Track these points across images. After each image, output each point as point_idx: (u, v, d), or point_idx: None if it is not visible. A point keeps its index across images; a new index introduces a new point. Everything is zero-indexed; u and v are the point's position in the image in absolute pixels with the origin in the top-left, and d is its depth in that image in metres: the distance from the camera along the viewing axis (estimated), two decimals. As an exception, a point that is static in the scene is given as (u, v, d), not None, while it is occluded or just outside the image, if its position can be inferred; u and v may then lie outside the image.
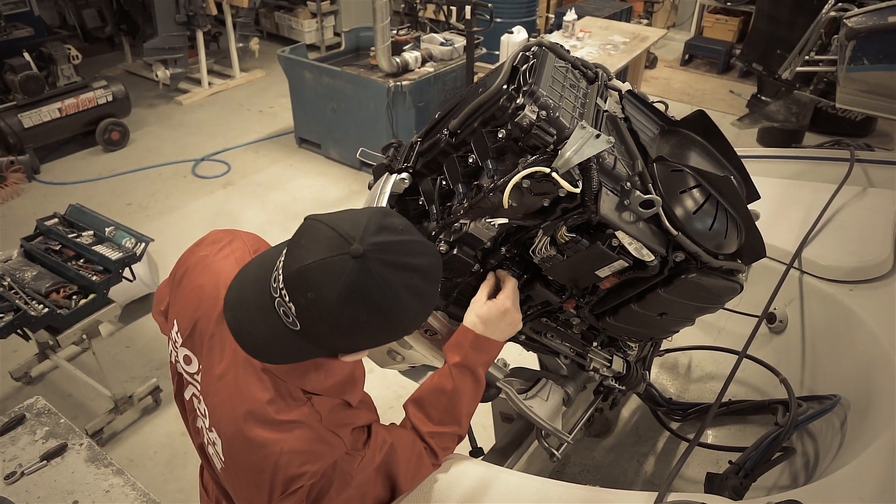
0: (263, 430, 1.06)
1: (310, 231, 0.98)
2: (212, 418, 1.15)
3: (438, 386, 1.28)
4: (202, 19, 6.17)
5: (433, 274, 1.02)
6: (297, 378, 1.09)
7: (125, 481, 1.79)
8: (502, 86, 1.17)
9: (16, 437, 1.91)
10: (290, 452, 1.05)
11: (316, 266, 0.93)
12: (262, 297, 1.01)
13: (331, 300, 0.93)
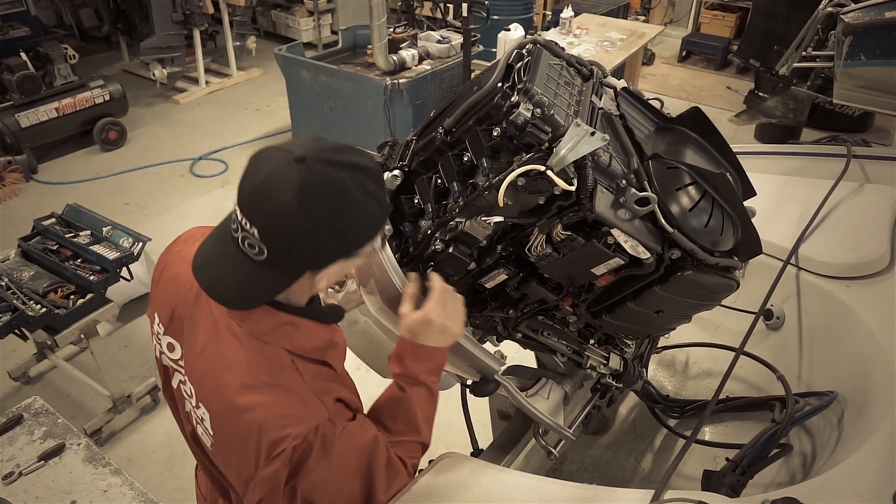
0: (248, 394, 1.07)
1: (253, 160, 1.03)
2: (198, 394, 1.16)
3: (390, 396, 1.28)
4: (199, 18, 6.16)
5: (376, 173, 1.06)
6: (279, 339, 1.11)
7: (123, 481, 1.79)
8: (497, 84, 1.17)
9: (14, 437, 1.91)
10: (274, 415, 1.06)
11: (266, 180, 0.98)
12: (226, 245, 1.05)
13: (288, 204, 0.96)
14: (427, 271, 1.33)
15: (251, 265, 1.02)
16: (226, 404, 1.10)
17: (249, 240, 1.01)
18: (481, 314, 1.48)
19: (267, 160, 1.00)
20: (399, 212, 1.41)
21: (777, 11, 4.91)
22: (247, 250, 1.02)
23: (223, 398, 1.10)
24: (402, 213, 1.40)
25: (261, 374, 1.09)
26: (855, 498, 1.19)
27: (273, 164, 0.98)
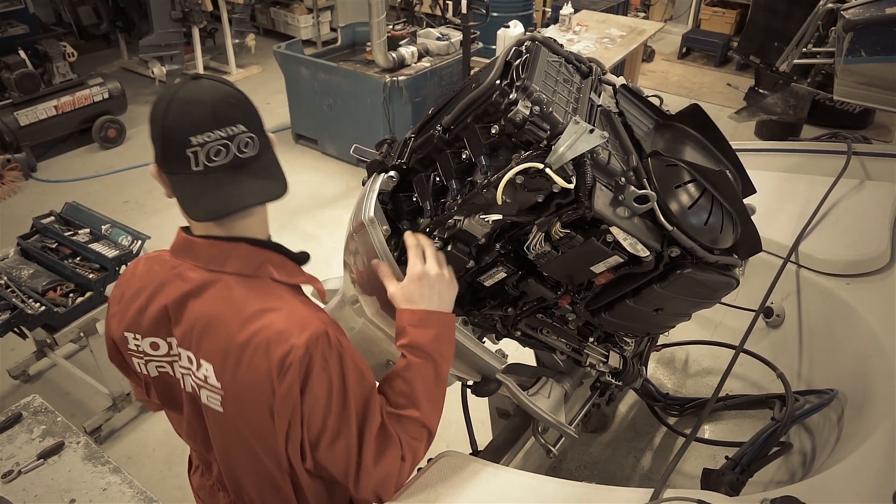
0: (247, 326, 1.13)
1: (180, 104, 1.12)
2: (198, 354, 1.20)
3: (395, 370, 1.28)
4: (198, 16, 6.15)
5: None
6: (265, 272, 1.19)
7: (122, 479, 1.79)
8: (495, 81, 1.17)
9: (13, 435, 1.90)
10: (275, 333, 1.12)
11: (212, 100, 1.11)
12: (221, 174, 1.12)
13: (235, 92, 1.14)
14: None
15: (256, 160, 1.15)
16: (229, 343, 1.14)
17: (241, 139, 1.12)
18: (480, 312, 1.48)
19: (188, 96, 1.12)
20: (397, 210, 1.40)
21: (777, 8, 4.90)
22: (245, 153, 1.13)
23: (224, 339, 1.15)
24: (400, 211, 1.39)
25: (253, 306, 1.15)
26: (855, 497, 1.19)
27: (196, 93, 1.12)
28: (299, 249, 1.29)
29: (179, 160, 1.11)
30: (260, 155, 1.16)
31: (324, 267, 2.55)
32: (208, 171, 1.11)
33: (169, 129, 1.11)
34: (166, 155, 1.13)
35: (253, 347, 1.12)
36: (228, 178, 1.13)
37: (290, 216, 4.77)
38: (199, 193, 1.13)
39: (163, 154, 1.14)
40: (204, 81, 1.14)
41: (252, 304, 1.15)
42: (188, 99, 1.11)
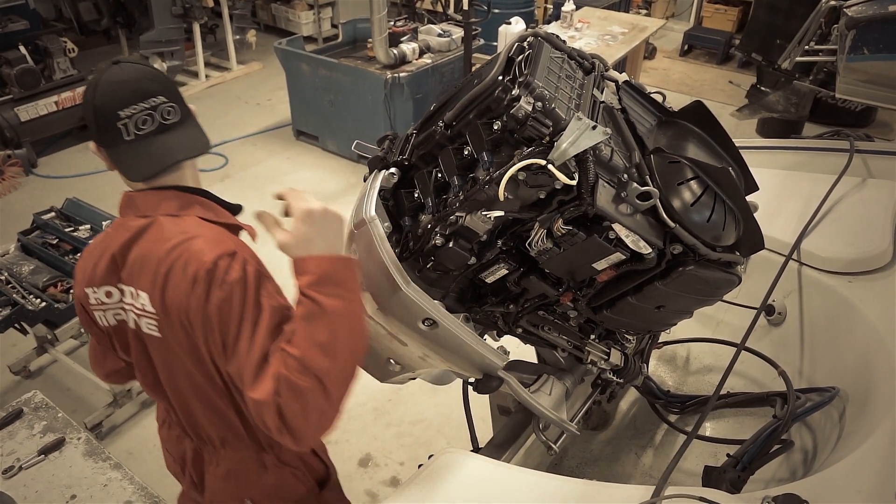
0: (173, 251, 1.30)
1: (106, 86, 1.31)
2: (136, 285, 1.36)
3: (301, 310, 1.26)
4: (199, 11, 6.14)
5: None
6: (192, 211, 1.38)
7: (123, 475, 1.79)
8: (497, 77, 1.16)
9: (14, 431, 1.91)
10: (193, 252, 1.28)
11: (133, 77, 1.33)
12: (155, 137, 1.33)
13: (152, 70, 1.37)
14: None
15: (180, 125, 1.37)
16: (157, 268, 1.31)
17: (163, 108, 1.33)
18: (482, 309, 1.47)
19: (112, 78, 1.32)
20: (399, 206, 1.40)
21: (779, 5, 4.88)
22: (169, 119, 1.35)
23: (154, 265, 1.32)
24: (402, 208, 1.39)
25: (179, 236, 1.32)
26: (856, 494, 1.19)
27: (118, 74, 1.32)
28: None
29: (113, 133, 1.31)
30: (182, 120, 1.37)
31: (325, 263, 2.56)
32: (139, 138, 1.31)
33: (99, 108, 1.30)
34: (101, 131, 1.32)
35: (175, 267, 1.28)
36: (157, 142, 1.33)
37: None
38: (134, 159, 1.33)
39: (98, 131, 1.32)
40: (125, 64, 1.34)
41: (178, 235, 1.32)
42: (112, 80, 1.31)
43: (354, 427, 3.16)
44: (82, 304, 1.49)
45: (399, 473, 2.94)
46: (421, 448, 3.05)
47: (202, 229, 1.34)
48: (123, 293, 1.40)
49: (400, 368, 1.48)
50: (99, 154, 1.37)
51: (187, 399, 1.47)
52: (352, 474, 2.95)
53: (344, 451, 3.05)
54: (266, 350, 1.22)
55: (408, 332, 1.35)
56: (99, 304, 1.44)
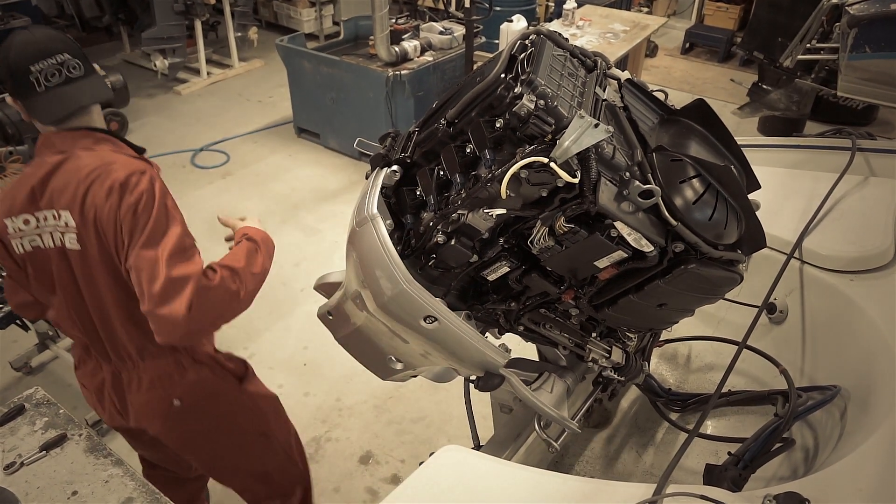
0: (92, 172, 1.60)
1: (20, 44, 1.59)
2: (58, 205, 1.62)
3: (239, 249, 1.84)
4: (200, 8, 6.14)
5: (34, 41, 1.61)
6: (103, 147, 1.67)
7: (124, 471, 1.79)
8: (500, 75, 1.16)
9: (15, 427, 1.90)
10: (109, 170, 1.60)
11: (39, 37, 1.60)
12: (60, 89, 1.61)
13: (53, 32, 1.65)
14: None
15: (85, 77, 1.65)
16: (77, 187, 1.59)
17: (69, 64, 1.61)
18: (483, 307, 1.48)
19: (23, 38, 1.58)
20: (401, 204, 1.40)
21: (781, 3, 4.88)
22: (74, 73, 1.62)
23: (74, 186, 1.59)
24: (403, 205, 1.39)
25: (96, 162, 1.61)
26: (857, 493, 1.19)
27: (28, 35, 1.59)
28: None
29: (26, 86, 1.57)
30: (87, 74, 1.65)
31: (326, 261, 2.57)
32: (49, 89, 1.59)
33: (13, 64, 1.56)
34: (16, 85, 1.58)
35: (94, 184, 1.57)
36: (65, 90, 1.60)
37: (293, 210, 4.76)
38: (46, 105, 1.60)
39: (13, 85, 1.58)
40: (34, 28, 1.68)
41: (96, 161, 1.61)
42: (24, 41, 1.57)
43: (355, 425, 3.16)
44: (0, 237, 1.70)
45: (400, 471, 2.95)
46: (422, 446, 3.05)
47: (116, 157, 1.64)
48: (43, 218, 1.64)
49: (401, 366, 1.48)
50: (16, 106, 1.64)
51: (107, 311, 1.74)
52: (352, 472, 2.96)
53: (345, 449, 3.06)
54: (183, 245, 1.61)
55: (409, 330, 1.35)
56: (16, 232, 1.66)
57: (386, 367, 1.49)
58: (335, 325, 1.49)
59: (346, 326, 1.46)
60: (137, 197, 1.56)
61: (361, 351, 1.50)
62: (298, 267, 3.94)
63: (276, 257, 1.98)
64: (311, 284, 1.72)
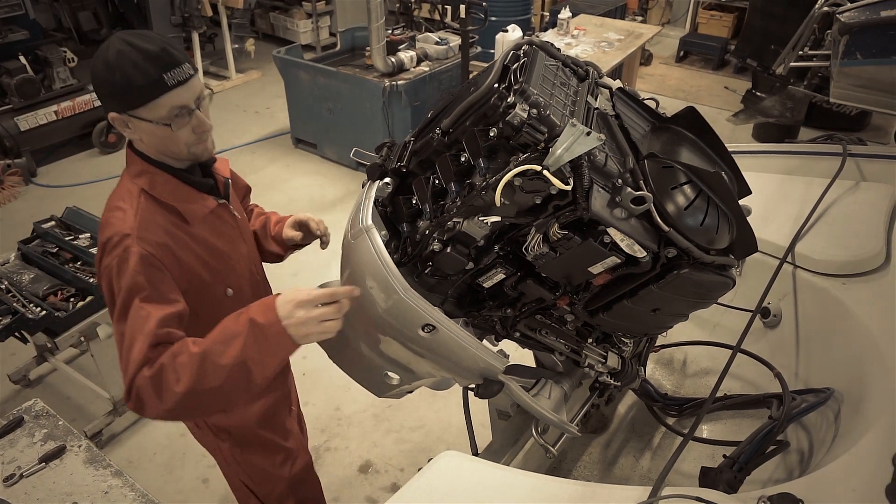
0: (105, 212, 1.53)
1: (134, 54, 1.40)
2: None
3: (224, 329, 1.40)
4: (197, 21, 6.17)
5: (143, 52, 1.37)
6: (142, 181, 1.53)
7: (124, 482, 1.79)
8: (493, 85, 1.18)
9: (14, 439, 1.91)
10: (107, 224, 1.49)
11: (157, 43, 1.41)
12: None
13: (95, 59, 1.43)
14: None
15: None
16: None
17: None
18: (479, 313, 1.49)
19: (138, 44, 1.39)
20: (397, 212, 1.41)
21: (774, 11, 4.93)
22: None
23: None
24: (400, 214, 1.41)
25: (113, 201, 1.53)
26: (851, 493, 1.20)
27: (145, 41, 1.40)
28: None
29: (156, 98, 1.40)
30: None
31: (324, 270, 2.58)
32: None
33: (145, 72, 1.37)
34: (144, 97, 1.40)
35: (101, 226, 1.51)
36: None
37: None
38: None
39: (143, 96, 1.40)
40: (139, 33, 1.42)
41: (115, 200, 1.53)
42: (145, 48, 1.38)
43: (354, 434, 3.16)
44: None
45: (399, 479, 2.95)
46: (421, 454, 3.05)
47: (130, 202, 1.50)
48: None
49: (397, 381, 1.49)
50: (130, 126, 1.47)
51: None
52: (352, 481, 2.96)
53: (344, 458, 3.06)
54: (123, 336, 1.40)
55: (407, 341, 1.37)
56: None
57: (381, 384, 1.50)
58: (328, 343, 1.48)
59: (341, 343, 1.47)
60: (102, 272, 1.46)
61: (356, 368, 1.51)
62: (296, 277, 3.95)
63: (273, 267, 1.94)
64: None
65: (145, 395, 1.35)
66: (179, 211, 1.54)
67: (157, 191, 1.52)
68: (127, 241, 1.42)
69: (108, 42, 1.40)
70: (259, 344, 1.32)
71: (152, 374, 1.33)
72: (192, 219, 1.56)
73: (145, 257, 1.42)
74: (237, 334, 1.33)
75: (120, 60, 1.36)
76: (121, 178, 1.58)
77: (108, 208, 1.52)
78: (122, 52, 1.36)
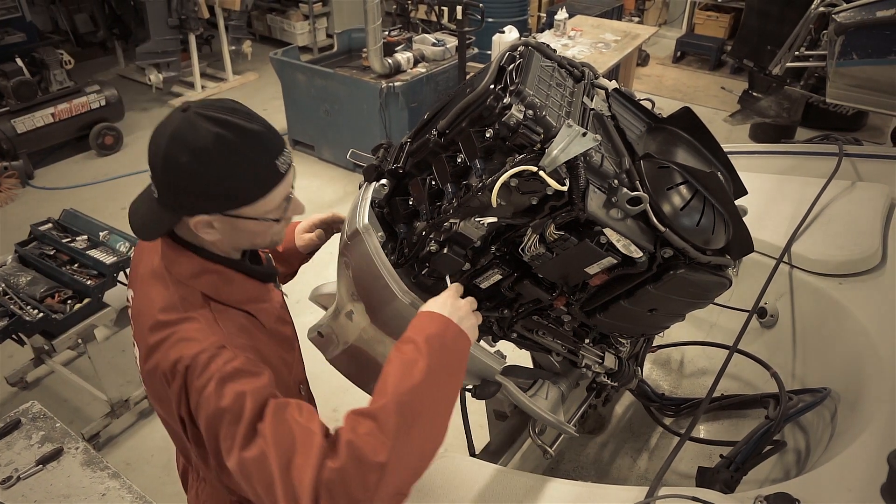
0: (159, 331, 1.16)
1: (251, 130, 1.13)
2: (134, 333, 1.27)
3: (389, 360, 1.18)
4: (194, 23, 6.16)
5: (250, 136, 1.10)
6: (201, 284, 1.21)
7: (121, 484, 1.79)
8: (489, 86, 1.18)
9: (11, 441, 1.91)
10: (174, 341, 1.14)
11: (159, 125, 1.13)
12: (146, 190, 1.21)
13: (161, 146, 1.10)
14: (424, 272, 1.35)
15: (152, 202, 1.17)
16: (145, 341, 1.19)
17: (152, 183, 1.16)
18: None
19: (245, 125, 1.11)
20: (394, 213, 1.42)
21: (770, 12, 4.93)
22: (152, 189, 1.17)
23: (144, 334, 1.19)
24: (397, 215, 1.41)
25: (172, 313, 1.17)
26: (846, 492, 1.21)
27: (171, 113, 1.13)
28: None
29: (266, 189, 1.15)
30: (160, 202, 1.19)
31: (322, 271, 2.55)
32: None
33: (259, 161, 1.13)
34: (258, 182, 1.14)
35: (157, 356, 1.15)
36: (148, 192, 1.22)
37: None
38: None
39: (258, 189, 1.14)
40: (171, 116, 1.13)
41: (171, 311, 1.17)
42: (252, 132, 1.12)
43: (352, 435, 3.16)
44: None
45: (397, 480, 2.95)
46: (419, 455, 3.05)
47: (198, 309, 1.18)
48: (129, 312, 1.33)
49: None
50: (214, 223, 1.16)
51: (173, 429, 1.30)
52: (350, 482, 2.96)
53: (342, 459, 3.06)
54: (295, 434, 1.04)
55: None
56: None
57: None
58: (326, 345, 1.48)
59: (338, 345, 1.47)
60: (205, 385, 1.10)
61: (354, 369, 1.50)
62: (294, 279, 3.95)
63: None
64: (306, 296, 1.73)
65: (350, 483, 1.00)
66: (252, 313, 1.26)
67: (225, 296, 1.22)
68: (225, 352, 1.11)
69: (184, 123, 1.08)
70: (442, 356, 1.14)
71: (343, 459, 1.01)
72: (265, 319, 1.29)
73: (252, 361, 1.14)
74: (413, 360, 1.11)
75: (221, 148, 1.07)
76: (155, 278, 1.23)
77: (166, 323, 1.16)
78: (221, 137, 1.07)
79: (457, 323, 1.19)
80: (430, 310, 1.20)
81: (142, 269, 1.29)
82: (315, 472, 0.99)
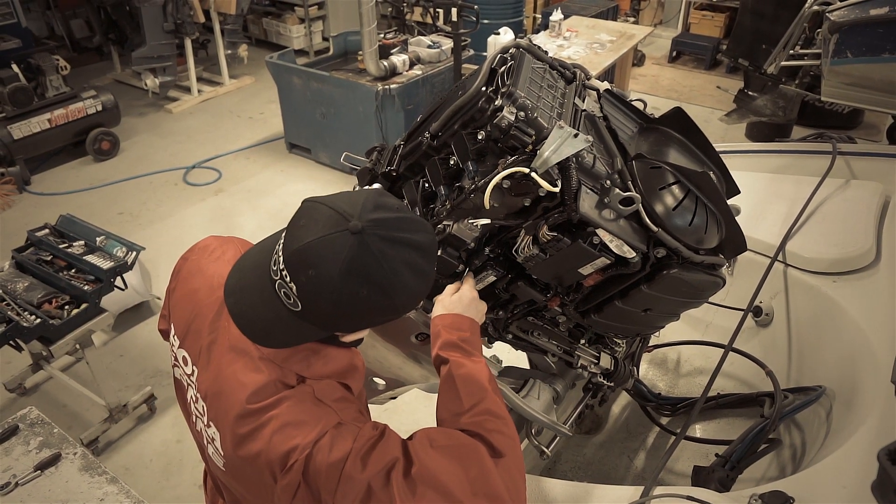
0: (254, 418, 1.05)
1: (308, 211, 1.01)
2: (209, 413, 1.13)
3: (441, 384, 1.20)
4: (190, 27, 6.17)
5: (430, 251, 1.03)
6: (296, 364, 1.07)
7: (119, 489, 1.79)
8: (480, 88, 1.19)
9: (9, 447, 1.91)
10: (279, 429, 1.02)
11: (316, 243, 0.95)
12: (263, 281, 1.03)
13: (332, 276, 0.94)
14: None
15: (283, 310, 1.01)
16: (234, 429, 1.07)
17: (286, 290, 0.99)
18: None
19: (319, 220, 0.98)
20: None
21: (764, 11, 4.94)
22: (282, 297, 1.00)
23: (232, 421, 1.07)
24: None
25: (268, 396, 1.05)
26: (841, 490, 1.21)
27: (325, 229, 0.96)
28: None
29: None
30: (300, 316, 1.04)
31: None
32: None
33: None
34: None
35: (255, 448, 1.04)
36: (265, 288, 1.06)
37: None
38: (247, 269, 1.10)
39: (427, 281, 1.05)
40: (338, 239, 0.96)
41: (265, 395, 1.05)
42: (312, 215, 1.02)
43: (351, 437, 3.16)
44: (166, 319, 1.30)
45: (396, 483, 2.94)
46: (417, 457, 3.04)
47: (296, 391, 1.07)
48: (196, 397, 1.17)
49: (383, 387, 1.49)
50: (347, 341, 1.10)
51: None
52: (349, 484, 2.96)
53: (341, 462, 3.05)
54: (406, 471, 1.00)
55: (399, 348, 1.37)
56: (173, 352, 1.24)
57: (367, 389, 1.50)
58: None
59: None
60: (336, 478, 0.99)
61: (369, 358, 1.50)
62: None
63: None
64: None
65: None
66: (348, 384, 1.14)
67: (318, 371, 1.10)
68: (345, 429, 1.03)
69: (363, 249, 0.95)
70: (468, 356, 1.20)
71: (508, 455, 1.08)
72: (356, 387, 1.17)
73: (372, 423, 1.08)
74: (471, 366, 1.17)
75: (408, 272, 0.99)
76: (237, 353, 1.11)
77: (260, 409, 1.05)
78: (410, 264, 0.98)
79: (472, 317, 1.26)
80: (446, 312, 1.25)
81: (207, 334, 1.16)
82: (494, 475, 1.03)
